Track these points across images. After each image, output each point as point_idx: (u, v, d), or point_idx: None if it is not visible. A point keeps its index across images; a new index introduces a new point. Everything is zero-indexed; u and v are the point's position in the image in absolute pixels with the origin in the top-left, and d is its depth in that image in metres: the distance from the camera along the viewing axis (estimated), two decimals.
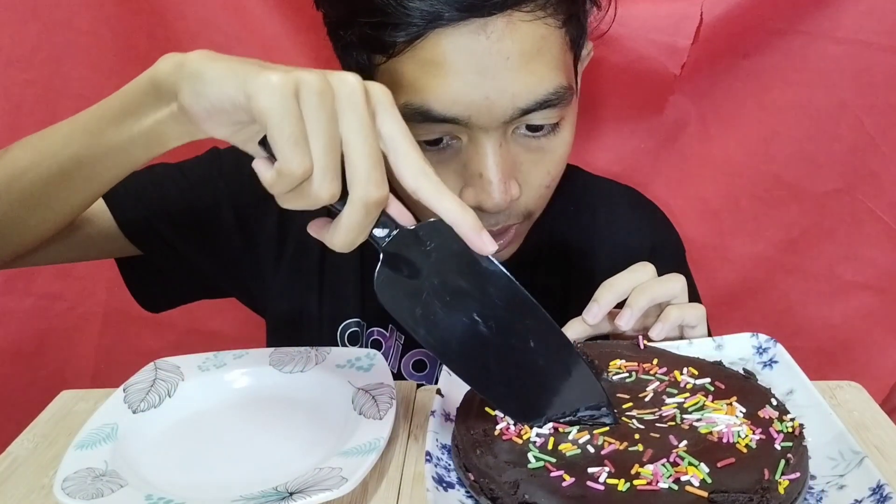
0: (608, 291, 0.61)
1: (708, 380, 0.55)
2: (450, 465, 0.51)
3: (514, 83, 0.58)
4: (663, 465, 0.46)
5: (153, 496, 0.49)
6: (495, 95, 0.58)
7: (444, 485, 0.48)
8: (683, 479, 0.45)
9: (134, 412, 0.59)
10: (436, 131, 0.61)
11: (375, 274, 0.47)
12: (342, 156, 0.44)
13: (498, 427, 0.51)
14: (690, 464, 0.46)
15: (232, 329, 1.12)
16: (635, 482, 0.45)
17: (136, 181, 0.72)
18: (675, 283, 0.62)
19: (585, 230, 0.81)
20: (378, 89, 0.45)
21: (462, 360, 0.50)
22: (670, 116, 1.00)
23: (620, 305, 0.62)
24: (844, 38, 0.91)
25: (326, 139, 0.43)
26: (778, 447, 0.48)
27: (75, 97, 1.00)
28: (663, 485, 0.45)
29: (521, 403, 0.51)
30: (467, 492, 0.49)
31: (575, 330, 0.62)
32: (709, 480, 0.45)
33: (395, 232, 0.47)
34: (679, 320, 0.62)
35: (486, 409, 0.53)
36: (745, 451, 0.47)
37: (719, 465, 0.46)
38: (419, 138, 0.60)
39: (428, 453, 0.50)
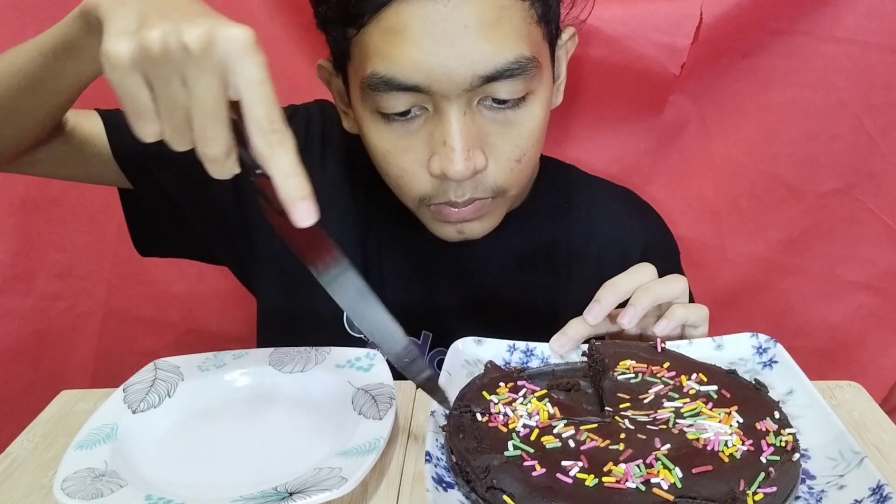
0: (610, 292, 0.61)
1: (715, 387, 0.54)
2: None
3: (472, 51, 0.59)
4: (637, 465, 0.46)
5: (153, 496, 0.49)
6: (454, 63, 0.59)
7: (444, 485, 0.48)
8: (654, 480, 0.45)
9: (134, 412, 0.59)
10: (402, 101, 0.62)
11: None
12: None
13: (488, 414, 0.52)
14: (665, 467, 0.46)
15: (232, 329, 1.12)
16: (604, 479, 0.45)
17: None
18: (678, 284, 0.63)
19: (578, 228, 0.81)
20: (233, 35, 0.44)
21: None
22: (670, 116, 0.99)
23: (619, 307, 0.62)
24: (844, 38, 0.90)
25: (170, 104, 0.44)
26: (763, 460, 0.47)
27: None
28: (631, 484, 0.45)
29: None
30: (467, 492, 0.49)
31: (576, 330, 0.62)
32: (679, 485, 0.45)
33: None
34: (683, 319, 0.62)
35: (484, 393, 0.55)
36: (726, 460, 0.47)
37: (694, 471, 0.46)
38: (389, 110, 0.62)
39: (428, 453, 0.50)
